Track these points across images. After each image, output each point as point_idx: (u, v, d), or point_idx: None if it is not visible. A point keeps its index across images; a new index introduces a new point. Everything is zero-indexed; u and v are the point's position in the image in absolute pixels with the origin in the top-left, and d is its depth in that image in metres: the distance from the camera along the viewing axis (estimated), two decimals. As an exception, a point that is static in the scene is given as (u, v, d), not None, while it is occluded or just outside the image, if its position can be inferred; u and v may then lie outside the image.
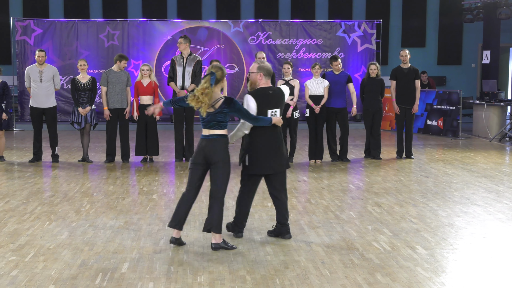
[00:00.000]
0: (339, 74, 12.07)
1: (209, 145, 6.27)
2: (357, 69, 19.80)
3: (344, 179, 10.42)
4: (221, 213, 6.30)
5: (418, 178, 10.44)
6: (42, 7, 20.61)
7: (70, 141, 15.30)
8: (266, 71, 6.64)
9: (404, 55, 12.50)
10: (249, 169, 6.66)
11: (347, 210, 8.08)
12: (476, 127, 16.93)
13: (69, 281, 5.39)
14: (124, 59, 11.97)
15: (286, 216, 6.74)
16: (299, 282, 5.37)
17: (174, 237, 6.43)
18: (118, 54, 12.15)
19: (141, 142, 11.87)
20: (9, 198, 8.72)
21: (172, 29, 19.44)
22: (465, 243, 6.61)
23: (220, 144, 6.28)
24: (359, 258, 6.04)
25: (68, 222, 7.41)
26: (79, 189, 9.38)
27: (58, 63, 18.64)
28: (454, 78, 21.87)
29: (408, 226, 7.27)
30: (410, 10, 21.76)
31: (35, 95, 11.86)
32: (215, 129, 6.26)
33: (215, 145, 6.26)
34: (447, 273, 5.66)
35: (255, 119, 6.38)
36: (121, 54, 12.12)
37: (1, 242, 6.56)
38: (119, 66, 11.89)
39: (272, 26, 19.72)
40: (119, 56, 12.01)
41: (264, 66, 6.68)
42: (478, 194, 9.16)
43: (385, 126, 17.85)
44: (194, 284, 5.35)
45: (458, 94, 16.23)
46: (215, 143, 6.26)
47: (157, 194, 9.12)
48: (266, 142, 6.61)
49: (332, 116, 12.03)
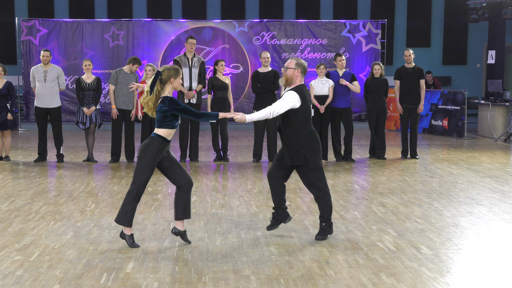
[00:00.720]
0: (343, 74, 12.06)
1: (145, 141, 6.41)
2: (361, 69, 19.78)
3: (349, 179, 10.41)
4: (125, 206, 6.34)
5: (423, 178, 10.42)
6: (47, 7, 20.65)
7: (75, 141, 15.32)
8: (303, 68, 6.67)
9: (408, 55, 12.48)
10: (318, 162, 6.65)
11: (351, 210, 8.08)
12: (481, 127, 16.89)
13: (74, 280, 5.40)
14: (138, 64, 11.94)
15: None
16: (304, 282, 5.37)
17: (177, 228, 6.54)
18: (133, 57, 12.07)
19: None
20: (14, 198, 8.74)
21: (177, 29, 19.46)
22: (470, 244, 6.59)
23: (149, 142, 6.34)
24: (364, 258, 6.04)
25: (73, 222, 7.42)
26: (84, 189, 9.39)
27: (63, 63, 18.67)
28: (459, 78, 21.83)
29: (413, 226, 7.26)
30: (415, 10, 21.72)
31: (40, 95, 11.89)
32: (156, 127, 6.38)
33: (146, 142, 6.36)
34: (452, 273, 5.65)
35: (201, 115, 6.45)
36: (136, 58, 12.03)
37: (6, 241, 6.58)
38: (130, 69, 11.89)
39: (277, 26, 19.72)
40: (133, 59, 11.96)
41: (302, 63, 6.70)
42: (483, 194, 9.14)
43: (390, 126, 17.82)
44: (199, 284, 5.35)
45: (463, 94, 16.20)
46: (148, 140, 6.37)
47: (161, 194, 9.12)
48: (315, 135, 6.69)
49: (336, 116, 12.02)
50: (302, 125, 6.60)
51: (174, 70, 6.38)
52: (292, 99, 6.52)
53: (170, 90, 6.39)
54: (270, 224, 6.93)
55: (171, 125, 6.33)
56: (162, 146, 6.33)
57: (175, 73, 6.37)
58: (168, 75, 6.32)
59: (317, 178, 6.66)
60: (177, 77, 6.37)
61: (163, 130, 6.33)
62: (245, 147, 14.28)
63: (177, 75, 6.38)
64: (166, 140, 6.36)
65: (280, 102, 6.53)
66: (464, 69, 22.04)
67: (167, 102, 6.24)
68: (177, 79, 6.38)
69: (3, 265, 5.81)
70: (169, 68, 6.37)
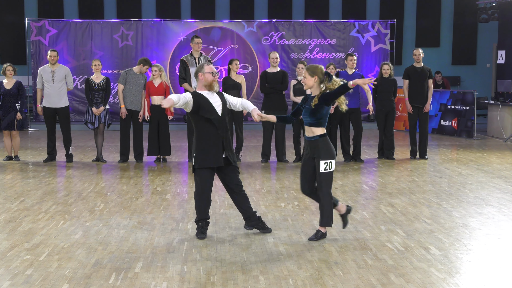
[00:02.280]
0: (353, 74, 12.04)
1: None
2: (370, 69, 19.74)
3: (358, 179, 10.40)
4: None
5: (432, 179, 10.39)
6: (56, 8, 20.72)
7: (84, 141, 15.37)
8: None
9: (418, 54, 12.45)
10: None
11: (360, 211, 8.06)
12: (491, 128, 16.83)
13: (83, 280, 5.42)
14: (148, 65, 11.97)
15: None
16: (312, 283, 5.36)
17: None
18: (144, 58, 12.11)
19: (153, 142, 11.90)
20: (24, 198, 8.77)
21: (186, 30, 19.49)
22: (479, 244, 6.57)
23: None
24: (373, 259, 6.03)
25: (82, 222, 7.45)
26: (93, 189, 9.42)
27: (73, 63, 18.74)
28: (468, 78, 21.75)
29: (422, 227, 7.24)
30: (424, 9, 21.66)
31: (48, 95, 11.93)
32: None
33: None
34: (461, 274, 5.63)
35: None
36: (147, 59, 12.07)
37: (16, 241, 6.61)
38: (140, 69, 11.91)
39: (286, 26, 19.71)
40: (144, 60, 11.99)
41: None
42: (493, 194, 9.11)
43: (399, 126, 17.78)
44: (207, 284, 5.35)
45: (473, 94, 16.14)
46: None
47: (170, 194, 9.14)
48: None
49: (345, 117, 12.00)
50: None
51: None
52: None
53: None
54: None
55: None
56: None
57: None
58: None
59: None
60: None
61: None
62: (253, 147, 14.28)
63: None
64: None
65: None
66: (474, 69, 21.96)
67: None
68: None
69: (12, 264, 5.84)
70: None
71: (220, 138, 6.68)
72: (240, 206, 6.96)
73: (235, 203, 7.01)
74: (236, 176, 6.86)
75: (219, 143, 6.67)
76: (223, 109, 6.76)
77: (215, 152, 6.64)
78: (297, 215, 7.78)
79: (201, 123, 6.69)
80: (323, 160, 6.53)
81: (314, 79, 6.60)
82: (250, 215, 6.95)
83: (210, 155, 6.63)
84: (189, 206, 8.23)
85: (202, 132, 6.68)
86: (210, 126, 6.66)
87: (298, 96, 11.78)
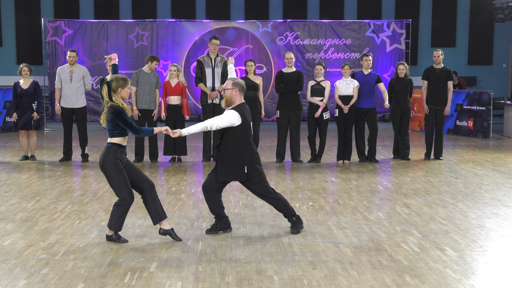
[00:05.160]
0: (368, 75, 12.01)
1: (102, 152, 6.57)
2: (386, 69, 19.67)
3: (373, 179, 10.36)
4: (116, 214, 6.54)
5: (448, 179, 10.34)
6: (72, 8, 20.83)
7: (99, 140, 15.44)
8: (241, 87, 6.91)
9: (437, 56, 12.36)
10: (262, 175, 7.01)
11: (375, 211, 8.04)
12: (507, 128, 16.71)
13: (98, 279, 5.45)
14: (156, 60, 12.02)
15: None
16: (327, 283, 5.36)
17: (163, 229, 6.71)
18: (150, 55, 12.19)
19: (169, 142, 11.93)
20: (40, 197, 8.83)
21: (201, 30, 19.52)
22: (495, 245, 6.53)
23: (105, 152, 6.50)
24: (388, 260, 6.01)
25: (98, 221, 7.48)
26: (108, 188, 9.45)
27: (88, 64, 18.82)
28: (484, 78, 21.61)
29: (437, 228, 7.21)
30: (440, 9, 21.54)
31: (65, 95, 12.00)
32: (109, 137, 6.52)
33: (103, 152, 6.51)
34: (477, 275, 5.60)
35: (139, 131, 6.54)
36: (153, 55, 12.15)
37: (32, 240, 6.65)
38: (150, 67, 11.96)
39: (301, 26, 19.69)
40: (151, 57, 12.06)
41: (238, 82, 6.94)
42: (509, 195, 9.05)
43: (414, 127, 17.70)
44: (222, 283, 5.36)
45: (489, 95, 16.04)
46: (104, 151, 6.52)
47: (185, 194, 9.16)
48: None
49: (361, 117, 11.97)
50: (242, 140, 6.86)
51: (122, 80, 6.54)
52: (231, 118, 6.76)
53: (121, 99, 6.55)
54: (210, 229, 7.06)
55: (122, 133, 6.51)
56: (119, 152, 6.50)
57: (123, 83, 6.52)
58: (117, 85, 6.49)
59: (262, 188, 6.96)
60: (124, 87, 6.52)
61: (116, 138, 6.50)
62: (268, 147, 14.28)
63: (125, 85, 6.53)
64: (121, 146, 6.54)
65: (219, 118, 6.80)
66: (490, 69, 21.81)
67: (113, 112, 6.39)
68: (125, 89, 6.53)
69: (28, 263, 5.88)
70: (119, 78, 6.54)
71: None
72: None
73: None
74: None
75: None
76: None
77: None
78: (311, 215, 7.77)
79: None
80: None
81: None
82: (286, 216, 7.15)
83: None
84: (203, 206, 8.24)
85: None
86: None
87: (315, 97, 11.77)
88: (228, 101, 6.87)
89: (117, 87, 6.47)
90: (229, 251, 6.27)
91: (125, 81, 6.53)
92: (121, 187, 6.47)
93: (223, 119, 6.77)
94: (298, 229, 6.98)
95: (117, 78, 6.54)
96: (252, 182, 6.88)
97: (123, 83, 6.51)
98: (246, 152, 6.86)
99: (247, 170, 6.83)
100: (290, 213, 7.03)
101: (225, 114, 6.82)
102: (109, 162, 6.44)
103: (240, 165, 6.83)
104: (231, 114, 6.78)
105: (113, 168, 6.44)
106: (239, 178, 6.87)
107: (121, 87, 6.49)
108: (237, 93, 6.87)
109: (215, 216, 7.00)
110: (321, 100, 11.71)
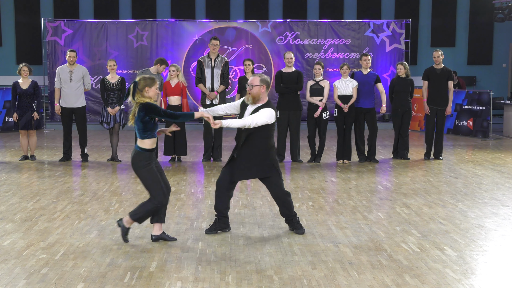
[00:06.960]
0: (368, 74, 12.02)
1: (131, 155, 6.59)
2: (385, 69, 19.67)
3: (372, 179, 10.37)
4: (145, 208, 6.58)
5: (447, 179, 10.34)
6: (72, 8, 20.83)
7: (99, 140, 15.44)
8: (267, 84, 6.80)
9: (437, 56, 12.35)
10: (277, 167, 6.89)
11: (375, 211, 8.04)
12: (507, 128, 16.71)
13: (98, 279, 5.45)
14: (165, 64, 11.99)
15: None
16: (327, 283, 5.36)
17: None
18: (160, 58, 12.12)
19: (169, 142, 11.93)
20: (40, 197, 8.83)
21: (201, 30, 19.52)
22: (495, 245, 6.53)
23: (134, 156, 6.52)
24: (387, 259, 6.01)
25: (97, 221, 7.48)
26: (108, 188, 9.46)
27: (88, 63, 18.81)
28: (484, 78, 21.61)
29: (437, 228, 7.21)
30: (440, 9, 21.53)
31: (65, 95, 12.00)
32: (139, 138, 6.49)
33: (134, 156, 6.52)
34: (476, 275, 5.60)
35: (178, 116, 6.51)
36: (163, 59, 12.07)
37: (32, 240, 6.65)
38: (157, 69, 11.92)
39: (300, 26, 19.68)
40: (160, 60, 12.00)
41: (265, 78, 6.81)
42: (509, 195, 9.05)
43: (414, 127, 17.70)
44: (222, 283, 5.36)
45: (489, 94, 16.04)
46: (134, 154, 6.52)
47: (185, 193, 9.16)
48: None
49: (360, 116, 11.97)
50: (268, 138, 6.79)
51: (150, 79, 6.49)
52: (269, 116, 6.62)
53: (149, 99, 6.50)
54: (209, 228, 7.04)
55: (152, 134, 6.47)
56: (150, 156, 6.51)
57: (151, 82, 6.47)
58: (144, 84, 6.44)
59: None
60: (152, 86, 6.47)
61: (146, 141, 6.45)
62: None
63: (152, 84, 6.48)
64: (151, 150, 6.52)
65: (257, 116, 6.58)
66: (490, 69, 21.82)
67: (144, 107, 6.35)
68: (152, 89, 6.47)
69: (28, 263, 5.88)
70: (147, 78, 6.49)
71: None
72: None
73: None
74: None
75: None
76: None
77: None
78: (311, 215, 7.78)
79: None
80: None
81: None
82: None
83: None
84: (203, 206, 8.25)
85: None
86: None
87: (315, 97, 11.77)
88: (255, 98, 6.71)
89: (144, 86, 6.40)
90: (229, 251, 6.27)
91: (152, 80, 6.47)
92: (156, 189, 6.51)
93: (261, 116, 6.58)
94: (300, 230, 6.96)
95: (144, 77, 6.49)
96: (272, 181, 6.82)
97: (151, 82, 6.44)
98: (271, 151, 6.79)
99: (271, 168, 6.75)
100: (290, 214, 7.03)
101: (262, 111, 6.62)
102: (141, 167, 6.47)
103: (266, 164, 6.73)
104: (268, 112, 6.62)
105: (146, 172, 6.47)
106: (264, 174, 6.79)
107: (148, 86, 6.42)
108: (265, 90, 6.72)
109: (216, 215, 6.99)
110: (320, 100, 11.71)
